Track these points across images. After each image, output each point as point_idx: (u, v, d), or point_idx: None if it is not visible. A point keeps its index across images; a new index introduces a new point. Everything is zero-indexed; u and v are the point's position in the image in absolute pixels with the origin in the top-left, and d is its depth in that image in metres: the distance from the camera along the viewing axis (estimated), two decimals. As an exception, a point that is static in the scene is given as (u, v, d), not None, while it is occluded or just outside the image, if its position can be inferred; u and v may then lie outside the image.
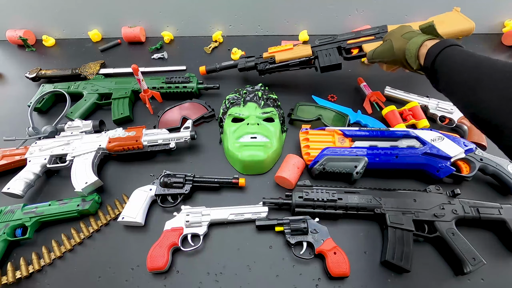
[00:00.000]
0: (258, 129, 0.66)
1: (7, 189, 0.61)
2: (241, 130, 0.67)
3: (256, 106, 0.70)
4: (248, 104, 0.71)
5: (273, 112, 0.70)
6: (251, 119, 0.68)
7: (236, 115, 0.70)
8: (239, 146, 0.65)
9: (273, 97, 0.74)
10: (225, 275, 0.53)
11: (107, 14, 1.02)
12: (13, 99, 0.89)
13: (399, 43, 0.55)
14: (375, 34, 0.74)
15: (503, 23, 0.97)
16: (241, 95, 0.73)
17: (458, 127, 0.73)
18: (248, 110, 0.70)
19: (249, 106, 0.70)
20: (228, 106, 0.73)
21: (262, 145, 0.65)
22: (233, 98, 0.73)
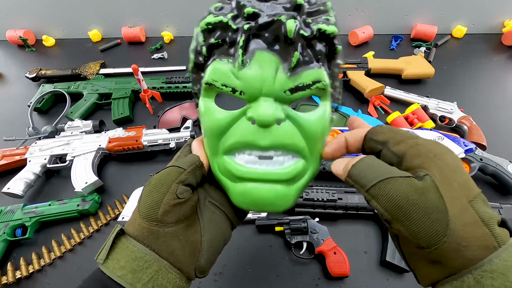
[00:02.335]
0: (277, 137, 0.24)
1: (7, 189, 0.61)
2: (234, 134, 0.25)
3: (279, 64, 0.23)
4: (256, 56, 0.23)
5: (319, 85, 0.24)
6: (263, 107, 0.23)
7: (225, 90, 0.25)
8: (230, 173, 0.26)
9: (329, 31, 0.23)
10: (225, 275, 0.53)
11: (107, 14, 1.02)
12: (13, 99, 0.89)
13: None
14: (357, 64, 0.84)
15: (503, 23, 0.97)
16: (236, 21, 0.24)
17: (458, 127, 0.73)
18: (256, 76, 0.23)
19: (259, 65, 0.23)
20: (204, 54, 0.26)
21: (283, 177, 0.26)
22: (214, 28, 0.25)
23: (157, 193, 0.24)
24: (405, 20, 0.98)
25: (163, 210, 0.24)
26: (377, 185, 0.21)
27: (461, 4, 0.94)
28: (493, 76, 0.87)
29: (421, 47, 0.94)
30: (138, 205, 0.25)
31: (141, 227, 0.24)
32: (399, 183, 0.20)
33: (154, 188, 0.25)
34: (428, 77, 0.84)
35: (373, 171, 0.22)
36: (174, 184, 0.25)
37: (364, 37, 0.96)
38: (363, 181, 0.22)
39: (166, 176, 0.25)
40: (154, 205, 0.24)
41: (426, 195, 0.19)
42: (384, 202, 0.20)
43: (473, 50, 0.95)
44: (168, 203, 0.24)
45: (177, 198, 0.24)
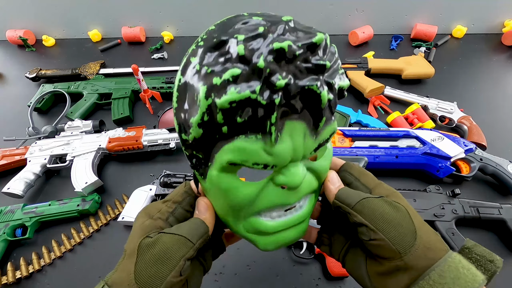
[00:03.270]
0: (301, 191, 0.27)
1: (7, 189, 0.61)
2: (264, 201, 0.26)
3: (306, 131, 0.23)
4: (286, 128, 0.22)
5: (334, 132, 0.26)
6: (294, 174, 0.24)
7: (254, 167, 0.23)
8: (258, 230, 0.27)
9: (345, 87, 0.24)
10: (225, 275, 0.53)
11: (107, 14, 1.02)
12: (13, 99, 0.89)
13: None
14: (357, 64, 0.84)
15: (503, 23, 0.97)
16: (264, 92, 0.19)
17: (458, 127, 0.73)
18: (288, 147, 0.22)
19: (290, 136, 0.22)
20: (224, 133, 0.21)
21: (306, 218, 0.29)
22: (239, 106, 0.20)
23: (162, 267, 0.23)
24: (405, 20, 0.98)
25: (164, 287, 0.23)
26: (360, 202, 0.25)
27: (461, 4, 0.94)
28: (493, 76, 0.87)
29: (421, 47, 0.94)
30: (135, 269, 0.23)
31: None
32: (377, 200, 0.25)
33: (160, 259, 0.23)
34: (428, 77, 0.84)
35: (354, 194, 0.26)
36: (182, 261, 0.23)
37: (364, 37, 0.96)
38: (348, 201, 0.26)
39: (175, 249, 0.23)
40: (157, 279, 0.22)
41: (397, 210, 0.25)
42: (367, 215, 0.25)
43: (473, 50, 0.95)
44: (171, 281, 0.23)
45: (179, 276, 0.23)
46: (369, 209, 0.25)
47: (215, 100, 0.19)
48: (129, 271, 0.23)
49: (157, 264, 0.23)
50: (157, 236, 0.24)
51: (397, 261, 0.23)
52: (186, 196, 0.28)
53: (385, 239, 0.23)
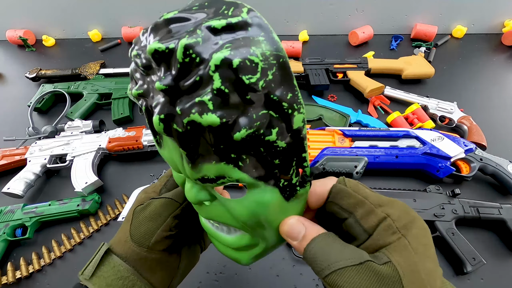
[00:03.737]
0: (209, 213, 0.24)
1: (7, 189, 0.61)
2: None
3: (182, 153, 0.18)
4: (164, 141, 0.21)
5: (225, 180, 0.19)
6: (187, 188, 0.23)
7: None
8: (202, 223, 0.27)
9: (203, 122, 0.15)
10: (225, 275, 0.53)
11: (107, 14, 1.02)
12: (13, 99, 0.89)
13: None
14: (357, 64, 0.85)
15: (503, 23, 0.97)
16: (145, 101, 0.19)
17: (458, 127, 0.73)
18: (172, 160, 0.21)
19: (169, 151, 0.21)
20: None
21: (225, 242, 0.25)
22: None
23: (153, 223, 0.26)
24: (405, 20, 0.98)
25: (155, 240, 0.26)
26: (330, 275, 0.18)
27: (461, 4, 0.94)
28: (493, 76, 0.87)
29: (421, 47, 0.94)
30: (130, 229, 0.27)
31: (131, 250, 0.26)
32: (354, 273, 0.17)
33: (151, 217, 0.27)
34: (428, 77, 0.84)
35: (326, 256, 0.19)
36: (170, 218, 0.27)
37: (364, 37, 0.96)
38: (317, 268, 0.19)
39: (164, 207, 0.27)
40: (148, 233, 0.26)
41: (384, 285, 0.17)
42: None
43: (473, 50, 0.95)
44: (161, 234, 0.26)
45: (169, 231, 0.27)
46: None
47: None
48: (125, 231, 0.27)
49: (149, 222, 0.27)
50: (148, 201, 0.28)
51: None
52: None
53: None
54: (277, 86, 0.16)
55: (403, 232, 0.18)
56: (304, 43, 1.00)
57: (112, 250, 0.26)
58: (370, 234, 0.19)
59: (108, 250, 0.26)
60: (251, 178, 0.19)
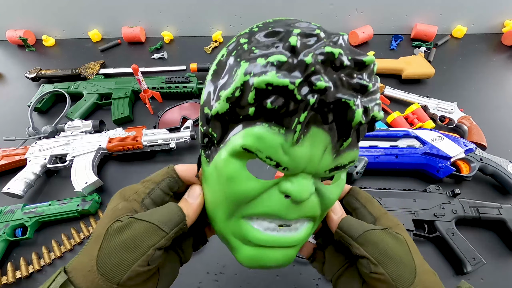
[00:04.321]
0: (304, 210, 0.24)
1: (7, 189, 0.61)
2: (263, 205, 0.24)
3: (328, 145, 0.22)
4: (311, 132, 0.21)
5: (354, 162, 0.25)
6: (302, 185, 0.22)
7: (265, 161, 0.21)
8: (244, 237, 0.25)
9: (379, 118, 0.22)
10: (225, 275, 0.53)
11: (107, 14, 1.02)
12: (13, 99, 0.89)
13: None
14: None
15: (503, 23, 0.97)
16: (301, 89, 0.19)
17: (458, 127, 0.73)
18: (306, 154, 0.21)
19: (311, 143, 0.21)
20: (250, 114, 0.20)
21: (298, 243, 0.26)
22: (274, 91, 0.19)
23: (128, 255, 0.21)
24: (405, 20, 0.99)
25: (129, 276, 0.21)
26: (363, 235, 0.25)
27: (461, 4, 0.94)
28: (493, 76, 0.87)
29: (421, 47, 0.94)
30: (98, 254, 0.21)
31: (95, 284, 0.20)
32: (380, 233, 0.25)
33: (126, 247, 0.21)
34: (428, 77, 0.84)
35: (358, 225, 0.26)
36: (151, 250, 0.21)
37: (364, 37, 0.96)
38: (351, 232, 0.26)
39: (143, 237, 0.22)
40: (120, 268, 0.21)
41: (400, 245, 0.25)
42: (370, 249, 0.24)
43: (473, 50, 0.95)
44: (136, 270, 0.21)
45: (147, 265, 0.21)
46: (372, 243, 0.25)
47: (253, 78, 0.19)
48: (91, 255, 0.21)
49: (123, 251, 0.21)
50: (127, 221, 0.22)
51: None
52: (166, 177, 0.26)
53: (386, 274, 0.23)
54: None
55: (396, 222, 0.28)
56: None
57: (71, 280, 0.21)
58: (375, 218, 0.28)
59: (67, 280, 0.20)
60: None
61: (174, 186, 0.27)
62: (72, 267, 0.22)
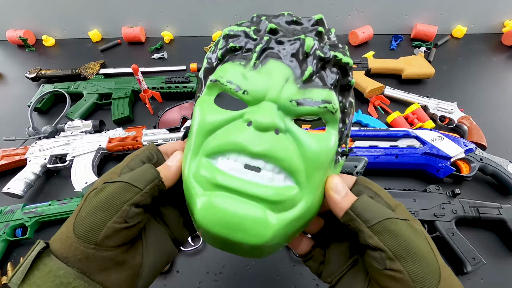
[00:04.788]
0: (271, 146, 0.21)
1: (7, 189, 0.61)
2: (225, 134, 0.23)
3: (290, 76, 0.23)
4: (269, 63, 0.23)
5: (329, 106, 0.23)
6: (264, 109, 0.22)
7: (228, 88, 0.23)
8: (205, 178, 0.22)
9: (344, 61, 0.24)
10: (225, 275, 0.53)
11: (107, 14, 1.02)
12: (13, 99, 0.89)
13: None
14: (357, 64, 0.84)
15: (503, 23, 0.97)
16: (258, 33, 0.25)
17: (458, 127, 0.73)
18: (265, 80, 0.23)
19: (270, 71, 0.23)
20: (219, 56, 0.26)
21: (267, 196, 0.21)
22: (235, 35, 0.25)
23: (101, 214, 0.21)
24: (405, 20, 0.98)
25: (105, 235, 0.21)
26: (382, 222, 0.21)
27: (461, 4, 0.94)
28: (493, 76, 0.87)
29: (421, 47, 0.94)
30: (74, 221, 0.21)
31: (73, 248, 0.20)
32: (402, 224, 0.21)
33: (99, 207, 0.21)
34: (428, 77, 0.84)
35: (377, 209, 0.22)
36: (125, 206, 0.21)
37: (364, 37, 0.96)
38: (367, 216, 0.21)
39: (116, 195, 0.21)
40: (95, 227, 0.20)
41: (423, 240, 0.21)
42: (388, 240, 0.20)
43: (473, 50, 0.95)
44: (113, 227, 0.21)
45: (124, 223, 0.21)
46: (392, 233, 0.20)
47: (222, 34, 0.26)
48: (69, 223, 0.21)
49: (98, 211, 0.21)
50: (101, 186, 0.22)
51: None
52: (146, 150, 0.26)
53: (405, 273, 0.19)
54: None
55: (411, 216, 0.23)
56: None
57: (50, 249, 0.21)
58: (392, 208, 0.23)
59: (45, 249, 0.21)
60: (339, 114, 0.25)
61: (153, 158, 0.26)
62: (52, 239, 0.22)
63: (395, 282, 0.20)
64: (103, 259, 0.21)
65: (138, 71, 0.70)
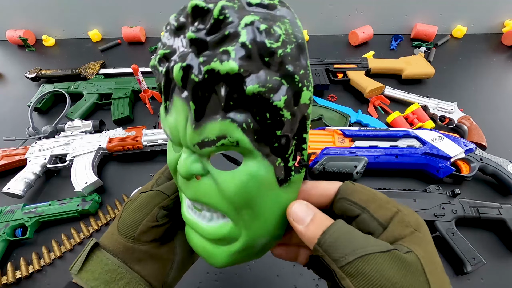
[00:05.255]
0: (196, 192, 0.22)
1: (7, 189, 0.61)
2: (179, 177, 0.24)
3: (187, 114, 0.19)
4: (175, 102, 0.20)
5: (225, 141, 0.19)
6: (182, 158, 0.21)
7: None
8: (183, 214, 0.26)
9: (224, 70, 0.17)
10: (225, 275, 0.53)
11: (107, 14, 1.02)
12: (13, 99, 0.89)
13: None
14: (357, 64, 0.84)
15: (503, 23, 0.97)
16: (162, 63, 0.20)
17: (458, 127, 0.73)
18: (174, 125, 0.21)
19: (176, 112, 0.20)
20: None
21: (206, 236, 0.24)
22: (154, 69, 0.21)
23: (138, 214, 0.27)
24: (405, 20, 0.99)
25: (141, 231, 0.26)
26: (355, 262, 0.17)
27: (461, 4, 0.94)
28: (493, 76, 0.87)
29: (421, 47, 0.94)
30: (118, 222, 0.27)
31: (117, 242, 0.26)
32: (382, 260, 0.16)
33: (137, 209, 0.27)
34: (428, 77, 0.84)
35: (349, 242, 0.17)
36: (156, 208, 0.27)
37: (364, 37, 0.96)
38: (337, 255, 0.17)
39: (150, 199, 0.28)
40: (134, 224, 0.27)
41: (412, 277, 0.16)
42: (363, 283, 0.16)
43: (473, 50, 0.95)
44: (146, 224, 0.26)
45: (155, 221, 0.27)
46: (367, 277, 0.16)
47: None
48: (114, 225, 0.28)
49: (135, 213, 0.27)
50: (137, 195, 0.28)
51: None
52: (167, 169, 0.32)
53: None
54: (293, 61, 0.18)
55: (415, 227, 0.19)
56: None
57: (100, 245, 0.26)
58: (385, 227, 0.19)
59: (97, 244, 0.26)
60: (250, 143, 0.19)
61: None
62: (101, 238, 0.28)
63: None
64: (140, 252, 0.26)
65: (138, 71, 0.70)
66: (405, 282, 0.16)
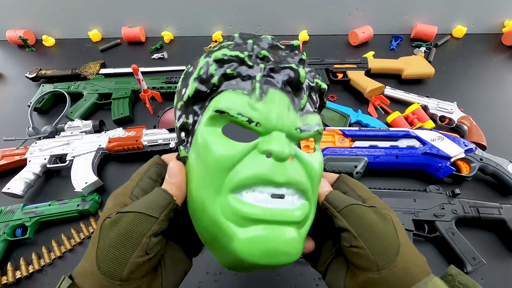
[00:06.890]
0: (291, 174, 0.23)
1: (7, 189, 0.61)
2: (248, 168, 0.23)
3: (290, 104, 0.24)
4: (270, 93, 0.24)
5: (320, 129, 0.27)
6: (278, 140, 0.23)
7: (240, 120, 0.23)
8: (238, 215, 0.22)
9: (323, 86, 0.28)
10: (225, 275, 0.53)
11: (107, 14, 1.02)
12: (13, 99, 0.89)
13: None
14: (357, 64, 0.85)
15: (503, 23, 0.97)
16: (251, 59, 0.24)
17: (458, 127, 0.73)
18: (271, 110, 0.23)
19: (272, 101, 0.24)
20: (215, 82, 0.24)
21: (297, 219, 0.23)
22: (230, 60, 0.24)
23: (122, 249, 0.21)
24: (405, 20, 0.99)
25: (130, 270, 0.21)
26: (348, 207, 0.25)
27: (461, 4, 0.94)
28: (493, 76, 0.87)
29: (421, 47, 0.94)
30: (96, 255, 0.21)
31: (100, 285, 0.21)
32: (366, 209, 0.25)
33: (119, 241, 0.21)
34: (428, 77, 0.84)
35: (344, 198, 0.26)
36: (145, 239, 0.21)
37: (364, 37, 0.96)
38: (336, 204, 0.26)
39: (133, 227, 0.21)
40: (120, 263, 0.21)
41: (385, 222, 0.24)
42: (352, 221, 0.24)
43: (473, 50, 0.95)
44: (136, 262, 0.21)
45: (146, 255, 0.21)
46: (355, 215, 0.24)
47: (211, 57, 0.24)
48: (91, 258, 0.21)
49: (118, 246, 0.21)
50: (115, 217, 0.22)
51: (374, 274, 0.22)
52: (152, 165, 0.26)
53: (365, 248, 0.23)
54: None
55: (385, 206, 0.27)
56: (304, 43, 1.00)
57: (77, 286, 0.21)
58: (364, 201, 0.27)
59: (71, 286, 0.21)
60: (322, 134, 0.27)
61: (162, 172, 0.26)
62: (76, 273, 0.22)
63: (359, 257, 0.23)
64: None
65: (138, 71, 0.70)
66: (381, 225, 0.24)
